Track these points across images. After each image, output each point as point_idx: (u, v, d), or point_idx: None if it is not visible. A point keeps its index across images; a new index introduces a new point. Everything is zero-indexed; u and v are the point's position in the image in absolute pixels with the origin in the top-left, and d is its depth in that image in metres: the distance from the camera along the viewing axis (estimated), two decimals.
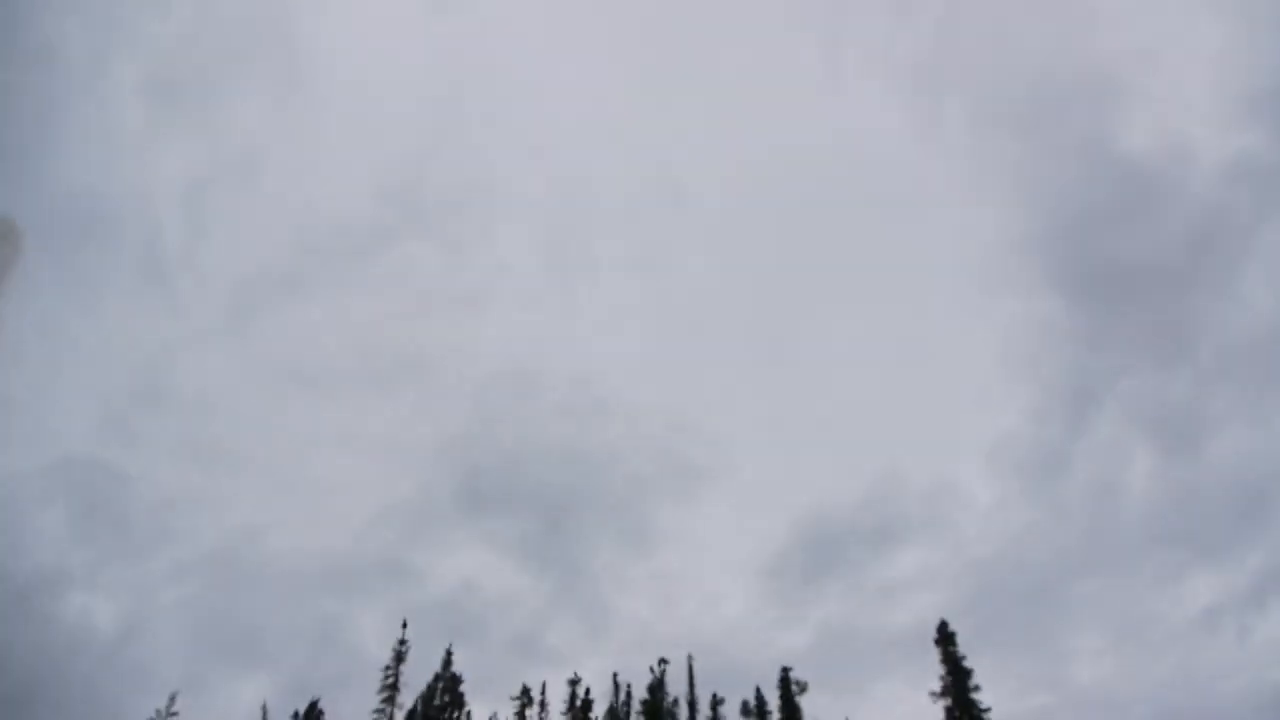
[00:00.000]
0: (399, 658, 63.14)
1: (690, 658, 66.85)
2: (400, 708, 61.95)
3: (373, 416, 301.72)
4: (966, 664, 57.05)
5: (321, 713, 65.93)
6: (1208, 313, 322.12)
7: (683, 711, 64.35)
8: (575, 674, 66.22)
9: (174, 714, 35.63)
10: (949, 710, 55.66)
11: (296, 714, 65.72)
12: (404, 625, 64.20)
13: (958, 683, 56.31)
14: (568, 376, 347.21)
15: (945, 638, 58.71)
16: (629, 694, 66.14)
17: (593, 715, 64.96)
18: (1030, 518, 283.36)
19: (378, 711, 61.15)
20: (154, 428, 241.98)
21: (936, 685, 56.88)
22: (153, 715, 35.28)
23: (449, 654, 67.62)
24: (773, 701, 63.28)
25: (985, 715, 54.75)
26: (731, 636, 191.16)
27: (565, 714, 64.50)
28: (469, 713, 65.34)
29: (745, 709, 64.69)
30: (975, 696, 55.61)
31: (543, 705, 65.33)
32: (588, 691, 65.75)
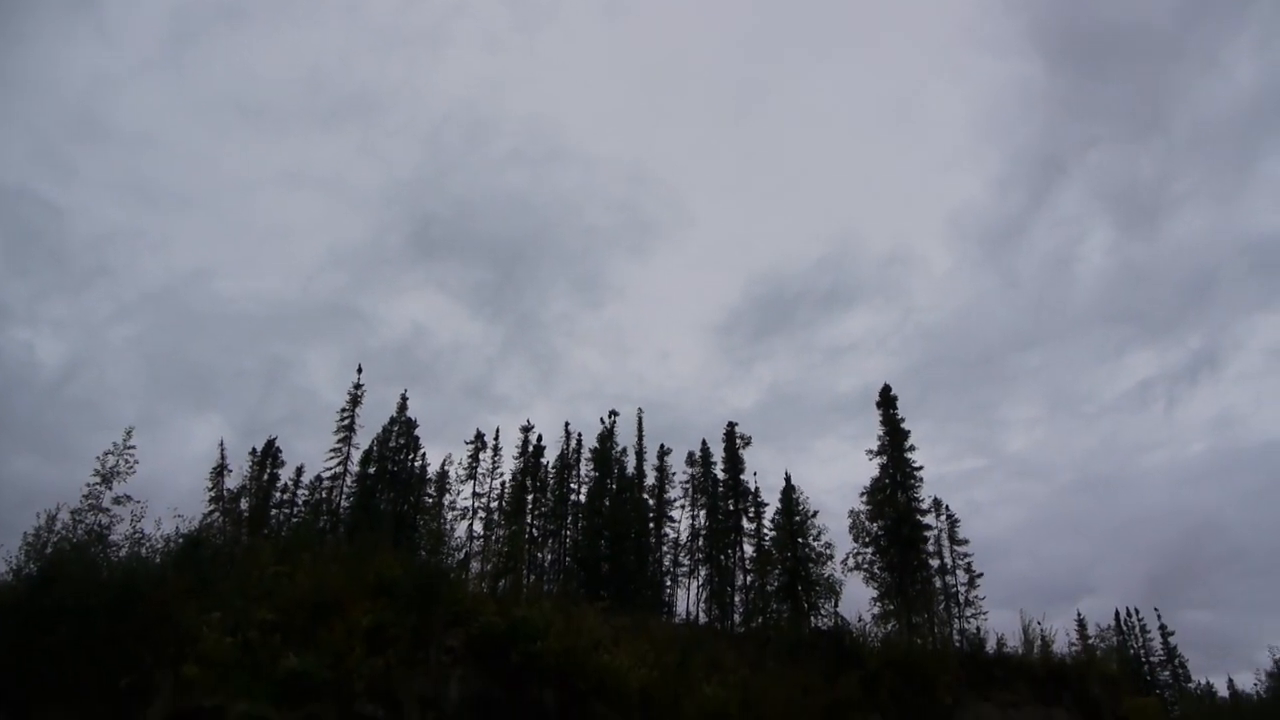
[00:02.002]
0: (354, 401, 63.79)
1: (640, 411, 68.90)
2: (356, 448, 63.46)
3: (319, 156, 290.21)
4: (905, 426, 59.44)
5: (279, 451, 67.56)
6: (1189, 84, 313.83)
7: (630, 461, 67.13)
8: (528, 421, 68.09)
9: (131, 448, 35.32)
10: (883, 468, 58.54)
11: (254, 450, 67.26)
12: (359, 370, 64.50)
13: (894, 443, 58.86)
14: (525, 122, 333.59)
15: (886, 400, 60.63)
16: (579, 442, 68.54)
17: (544, 461, 67.50)
18: (983, 288, 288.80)
19: (334, 450, 62.48)
20: (89, 162, 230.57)
21: (874, 445, 59.50)
22: (109, 449, 34.96)
23: (404, 398, 68.73)
24: (718, 455, 66.12)
25: (917, 473, 57.88)
26: (681, 395, 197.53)
27: (517, 459, 66.86)
28: (424, 455, 67.40)
29: (690, 460, 67.64)
30: (909, 456, 58.48)
31: (496, 450, 67.52)
32: (540, 438, 67.95)
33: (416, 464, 66.59)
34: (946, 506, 63.17)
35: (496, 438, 68.02)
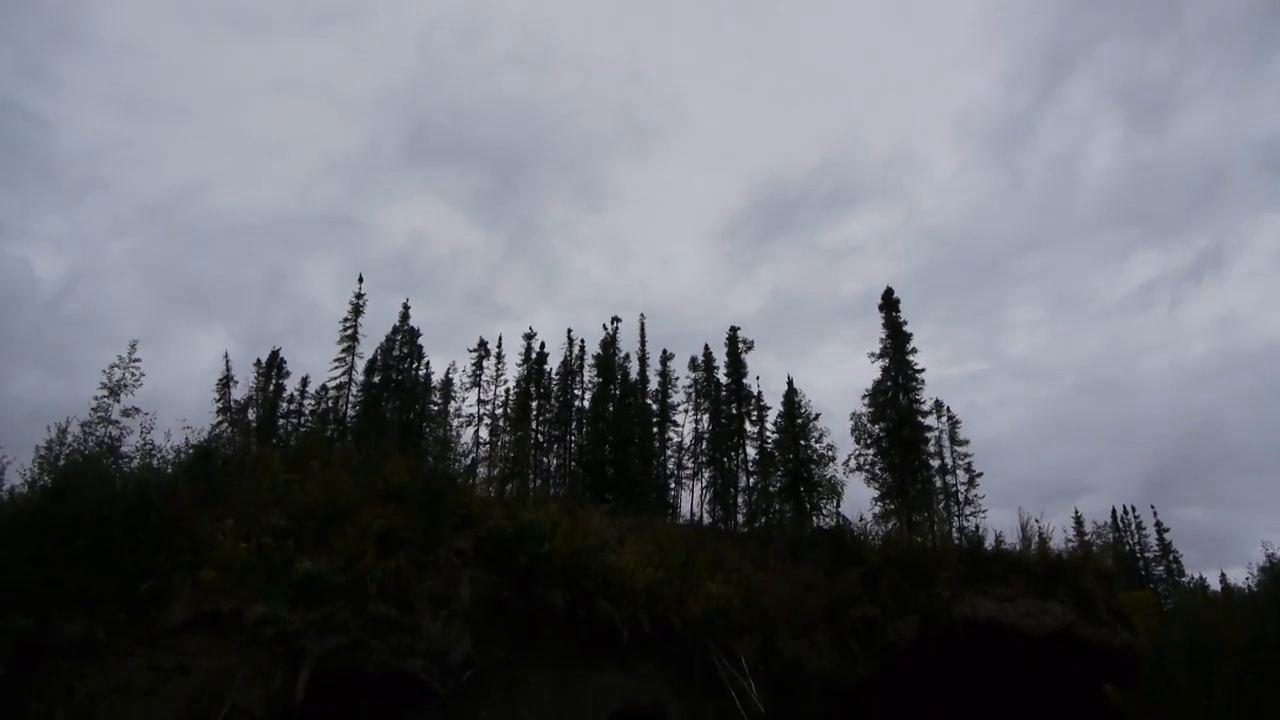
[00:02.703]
0: (357, 310, 63.65)
1: (642, 317, 68.71)
2: (360, 357, 63.68)
3: (309, 63, 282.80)
4: (907, 329, 59.35)
5: (284, 361, 67.93)
6: None
7: (633, 367, 67.32)
8: (530, 328, 68.05)
9: (136, 361, 35.59)
10: (885, 370, 58.73)
11: (259, 361, 67.62)
12: (360, 279, 64.11)
13: (896, 346, 58.87)
14: (519, 22, 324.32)
15: (889, 304, 60.44)
16: (582, 349, 68.70)
17: (547, 368, 67.71)
18: (987, 190, 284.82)
19: (338, 360, 62.68)
20: (75, 73, 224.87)
21: (876, 348, 59.54)
22: (115, 362, 35.21)
23: (406, 307, 68.66)
24: (720, 359, 66.24)
25: (919, 376, 58.07)
26: (683, 300, 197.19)
27: (521, 366, 67.04)
28: (428, 363, 67.68)
29: (693, 365, 67.86)
30: (911, 359, 58.59)
31: (499, 358, 67.67)
32: (543, 346, 67.94)
33: (421, 372, 66.97)
34: (948, 408, 63.59)
35: (499, 345, 68.15)
